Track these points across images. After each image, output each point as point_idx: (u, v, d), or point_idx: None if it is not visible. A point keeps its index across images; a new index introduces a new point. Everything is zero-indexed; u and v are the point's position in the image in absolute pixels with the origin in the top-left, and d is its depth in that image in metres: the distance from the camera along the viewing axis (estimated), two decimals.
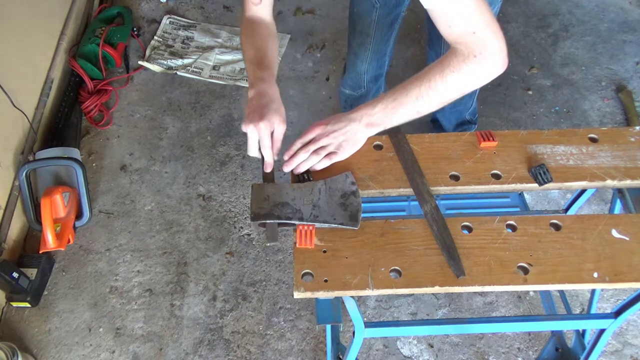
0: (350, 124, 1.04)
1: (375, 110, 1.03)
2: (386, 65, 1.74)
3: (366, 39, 1.59)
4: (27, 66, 2.08)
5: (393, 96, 1.02)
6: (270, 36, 1.15)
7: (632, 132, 1.11)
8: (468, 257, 0.94)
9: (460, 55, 0.95)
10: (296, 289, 0.91)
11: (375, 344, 1.73)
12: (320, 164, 1.05)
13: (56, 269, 1.89)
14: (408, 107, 1.01)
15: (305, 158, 1.04)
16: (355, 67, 1.70)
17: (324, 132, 1.04)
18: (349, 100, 1.84)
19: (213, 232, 1.98)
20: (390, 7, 1.50)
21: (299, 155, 1.05)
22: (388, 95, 1.03)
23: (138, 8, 2.71)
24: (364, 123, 1.04)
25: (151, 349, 1.73)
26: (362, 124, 1.04)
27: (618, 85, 2.37)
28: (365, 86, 1.74)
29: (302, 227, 0.97)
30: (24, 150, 1.97)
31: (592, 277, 0.91)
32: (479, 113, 2.03)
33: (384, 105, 1.02)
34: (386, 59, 1.71)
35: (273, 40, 1.16)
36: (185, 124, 2.29)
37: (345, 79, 1.79)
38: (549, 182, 1.03)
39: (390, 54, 1.72)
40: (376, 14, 1.51)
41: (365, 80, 1.71)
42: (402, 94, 1.01)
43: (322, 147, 1.04)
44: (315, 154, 1.04)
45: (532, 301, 1.80)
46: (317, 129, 1.05)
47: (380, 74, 1.75)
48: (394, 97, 1.02)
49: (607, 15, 2.64)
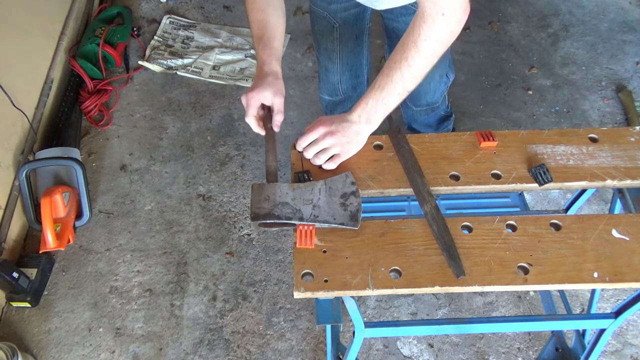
0: (351, 125, 1.06)
1: (368, 106, 1.05)
2: (365, 73, 1.71)
3: (332, 54, 1.58)
4: (27, 66, 2.08)
5: (379, 87, 1.04)
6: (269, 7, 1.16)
7: (632, 132, 1.11)
8: (468, 257, 0.94)
9: (429, 17, 0.96)
10: (296, 289, 0.91)
11: (375, 344, 1.73)
12: (326, 166, 1.08)
13: (56, 269, 1.89)
14: (396, 91, 1.03)
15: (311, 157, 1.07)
16: (328, 78, 1.68)
17: (328, 131, 1.06)
18: (330, 105, 1.81)
19: (213, 232, 1.98)
20: (350, 24, 1.49)
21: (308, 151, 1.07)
22: (374, 87, 1.05)
23: (138, 8, 2.71)
24: (363, 121, 1.06)
25: (151, 349, 1.73)
26: (361, 123, 1.06)
27: (618, 85, 2.37)
28: (342, 93, 1.72)
29: (302, 227, 0.97)
30: (24, 150, 1.97)
31: (592, 277, 0.91)
32: (478, 112, 2.04)
33: (375, 99, 1.04)
34: (363, 68, 1.68)
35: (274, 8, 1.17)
36: (185, 124, 2.29)
37: (321, 88, 1.77)
38: (549, 182, 1.03)
39: (368, 62, 1.68)
40: (337, 32, 1.50)
41: (341, 89, 1.70)
42: (385, 81, 1.03)
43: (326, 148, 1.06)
44: (322, 153, 1.07)
45: (532, 301, 1.80)
46: (322, 128, 1.06)
47: (359, 82, 1.71)
48: (380, 88, 1.04)
49: (607, 15, 2.64)
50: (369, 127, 1.07)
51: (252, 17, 1.16)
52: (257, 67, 1.12)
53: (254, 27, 1.15)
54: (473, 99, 2.35)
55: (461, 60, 2.48)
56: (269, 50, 1.12)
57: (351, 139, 1.07)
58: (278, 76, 1.11)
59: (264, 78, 1.09)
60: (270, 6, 1.16)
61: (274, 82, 1.09)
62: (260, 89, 1.08)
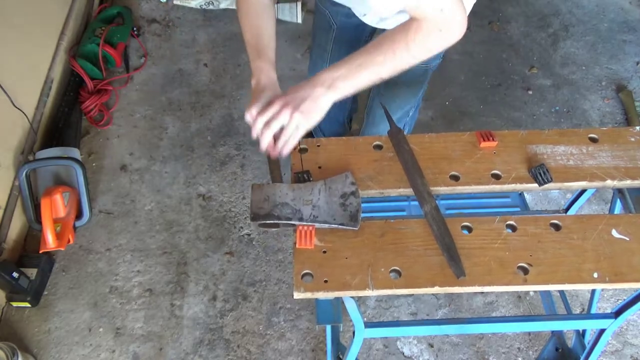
0: (311, 89, 0.99)
1: (339, 73, 0.99)
2: None
3: (324, 53, 1.57)
4: (27, 66, 2.07)
5: (357, 61, 1.00)
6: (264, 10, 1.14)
7: (632, 132, 1.11)
8: (468, 257, 0.94)
9: (425, 29, 0.95)
10: (296, 289, 0.91)
11: (375, 344, 1.73)
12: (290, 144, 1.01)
13: (56, 269, 1.89)
14: (371, 73, 1.00)
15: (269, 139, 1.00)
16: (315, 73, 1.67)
17: (284, 103, 0.99)
18: None
19: (213, 232, 1.98)
20: (349, 30, 1.48)
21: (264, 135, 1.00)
22: (352, 59, 1.00)
23: (138, 8, 2.71)
24: (326, 86, 0.99)
25: (151, 348, 1.73)
26: (324, 86, 0.99)
27: (618, 85, 2.37)
28: None
29: (302, 228, 0.97)
30: (24, 150, 1.97)
31: (592, 277, 0.91)
32: (478, 112, 2.04)
33: (348, 70, 0.99)
34: None
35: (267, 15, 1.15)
36: (185, 124, 2.29)
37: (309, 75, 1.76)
38: (549, 182, 1.03)
39: None
40: (333, 33, 1.50)
41: None
42: (366, 59, 0.99)
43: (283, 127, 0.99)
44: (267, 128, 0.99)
45: (532, 301, 1.80)
46: (277, 103, 0.99)
47: None
48: (358, 63, 1.00)
49: (607, 15, 2.64)
50: (330, 94, 0.99)
51: (245, 23, 1.14)
52: (255, 77, 1.08)
53: (247, 34, 1.13)
54: (473, 98, 2.35)
55: (461, 60, 2.48)
56: (265, 58, 1.10)
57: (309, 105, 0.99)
58: (276, 87, 1.08)
59: (264, 92, 1.05)
60: (265, 13, 1.14)
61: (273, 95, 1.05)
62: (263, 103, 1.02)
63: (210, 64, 2.51)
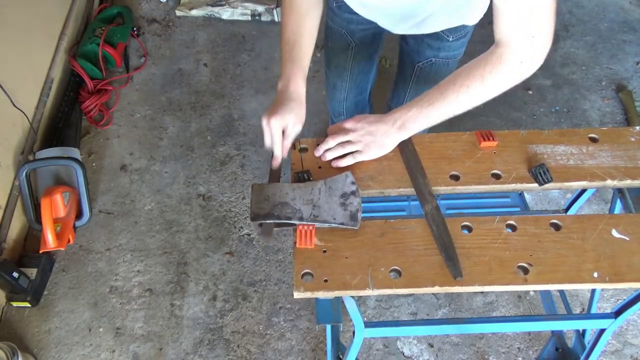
0: (382, 125, 1.03)
1: (410, 113, 1.01)
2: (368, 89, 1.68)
3: (343, 71, 1.53)
4: (27, 66, 2.08)
5: (429, 100, 0.99)
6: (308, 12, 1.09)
7: (632, 132, 1.11)
8: (468, 257, 0.93)
9: (505, 61, 0.93)
10: (296, 289, 0.91)
11: (375, 343, 1.73)
12: (344, 161, 1.05)
13: (56, 269, 1.89)
14: (443, 111, 0.99)
15: (332, 146, 1.05)
16: (334, 95, 1.65)
17: (354, 127, 1.04)
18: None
19: (213, 232, 1.98)
20: (367, 44, 1.45)
21: (327, 141, 1.06)
22: (424, 98, 1.00)
23: (138, 8, 2.71)
24: (396, 126, 1.02)
25: (151, 348, 1.73)
26: (394, 127, 1.02)
27: (618, 85, 2.37)
28: (345, 112, 1.69)
29: (302, 227, 0.97)
30: (24, 150, 1.97)
31: (592, 277, 0.91)
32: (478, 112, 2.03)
33: (419, 109, 1.00)
34: (368, 85, 1.65)
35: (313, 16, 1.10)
36: (185, 124, 2.29)
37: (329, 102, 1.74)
38: (549, 182, 1.03)
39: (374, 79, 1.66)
40: (352, 52, 1.45)
41: (345, 106, 1.67)
42: (438, 98, 0.98)
43: (348, 141, 1.04)
44: (340, 146, 1.05)
45: (532, 301, 1.80)
46: (350, 122, 1.04)
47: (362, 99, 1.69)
48: (429, 101, 0.99)
49: (607, 15, 2.64)
50: (400, 133, 1.02)
51: (287, 19, 1.08)
52: (282, 82, 1.05)
53: (287, 32, 1.07)
54: None
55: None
56: (298, 64, 1.06)
57: (377, 138, 1.03)
58: (302, 101, 1.05)
59: (288, 102, 1.02)
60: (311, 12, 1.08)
61: (297, 109, 1.03)
62: (283, 114, 1.01)
63: (210, 64, 2.51)
